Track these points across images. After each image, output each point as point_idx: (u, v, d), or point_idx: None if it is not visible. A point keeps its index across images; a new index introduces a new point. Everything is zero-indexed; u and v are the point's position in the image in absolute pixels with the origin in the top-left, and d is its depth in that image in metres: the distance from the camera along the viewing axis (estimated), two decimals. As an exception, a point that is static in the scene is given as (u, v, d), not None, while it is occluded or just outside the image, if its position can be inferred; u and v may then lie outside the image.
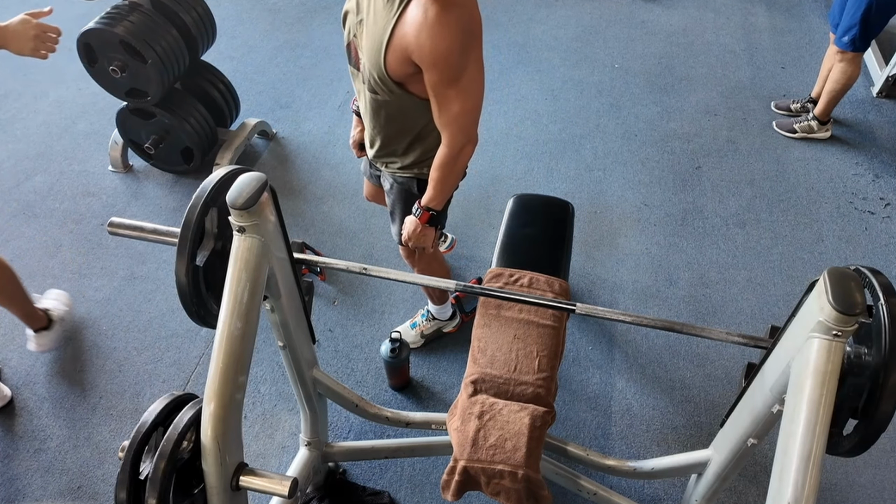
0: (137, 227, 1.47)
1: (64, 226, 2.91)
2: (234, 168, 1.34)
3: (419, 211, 1.70)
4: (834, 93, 3.18)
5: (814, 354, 1.08)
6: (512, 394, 1.63)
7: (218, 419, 1.15)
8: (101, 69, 2.69)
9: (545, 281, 1.89)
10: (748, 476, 2.14)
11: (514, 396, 1.62)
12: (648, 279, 2.72)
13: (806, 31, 4.15)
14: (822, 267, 2.32)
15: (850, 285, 1.07)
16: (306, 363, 1.70)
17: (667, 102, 3.58)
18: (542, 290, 1.87)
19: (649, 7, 4.33)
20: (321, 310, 2.59)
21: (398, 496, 2.09)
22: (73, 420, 2.26)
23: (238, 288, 1.23)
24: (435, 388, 2.37)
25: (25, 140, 3.33)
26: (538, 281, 1.89)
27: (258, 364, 2.41)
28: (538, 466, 1.53)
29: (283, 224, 1.38)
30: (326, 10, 4.29)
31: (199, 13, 2.88)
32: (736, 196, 3.08)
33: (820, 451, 1.02)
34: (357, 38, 1.54)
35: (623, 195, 3.07)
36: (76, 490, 2.10)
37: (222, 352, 1.19)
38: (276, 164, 3.23)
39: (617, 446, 2.22)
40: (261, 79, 3.73)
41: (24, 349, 2.45)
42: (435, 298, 2.36)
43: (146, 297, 2.63)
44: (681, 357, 2.45)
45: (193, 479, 1.18)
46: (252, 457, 2.15)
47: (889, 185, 3.14)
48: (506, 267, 1.99)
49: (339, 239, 2.86)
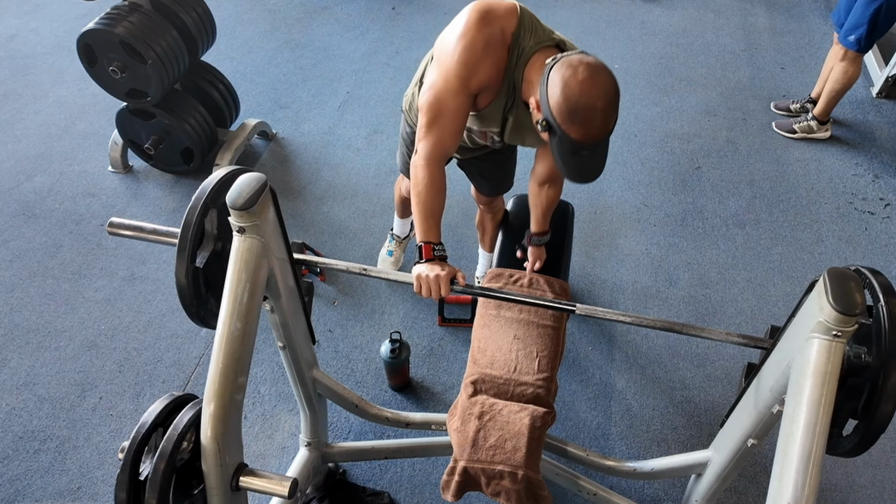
0: (137, 228, 1.47)
1: (64, 226, 2.91)
2: (234, 168, 1.34)
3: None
4: (834, 93, 3.18)
5: (814, 355, 1.08)
6: (512, 394, 1.63)
7: (218, 420, 1.15)
8: (101, 70, 2.69)
9: (545, 281, 1.89)
10: (748, 476, 2.14)
11: (514, 397, 1.62)
12: (648, 279, 2.72)
13: (805, 31, 4.15)
14: (821, 267, 2.32)
15: (850, 286, 1.07)
16: (306, 364, 1.70)
17: (666, 103, 3.58)
18: (542, 290, 1.87)
19: (649, 7, 4.33)
20: (321, 310, 2.58)
21: (398, 496, 2.08)
22: (73, 420, 2.26)
23: (238, 288, 1.23)
24: (435, 388, 2.37)
25: (25, 140, 3.33)
26: (538, 282, 1.90)
27: (258, 364, 2.41)
28: (538, 467, 1.53)
29: (283, 224, 1.38)
30: (326, 10, 4.29)
31: (199, 14, 2.88)
32: (736, 196, 3.08)
33: (820, 451, 1.02)
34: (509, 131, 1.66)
35: (623, 195, 3.07)
36: (76, 490, 2.10)
37: (222, 352, 1.19)
38: (275, 164, 3.23)
39: (617, 447, 2.22)
40: (261, 79, 3.73)
41: (23, 349, 2.45)
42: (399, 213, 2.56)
43: (146, 297, 2.63)
44: (681, 357, 2.45)
45: (193, 479, 1.18)
46: (252, 457, 2.15)
47: (889, 186, 3.14)
48: (506, 267, 1.99)
49: (339, 239, 2.86)
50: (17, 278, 2.69)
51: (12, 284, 2.67)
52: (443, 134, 1.47)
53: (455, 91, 1.44)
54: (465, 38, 1.42)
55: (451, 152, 1.53)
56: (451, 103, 1.45)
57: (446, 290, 1.48)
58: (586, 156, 1.37)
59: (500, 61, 1.45)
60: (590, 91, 1.28)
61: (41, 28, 4.09)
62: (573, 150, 1.35)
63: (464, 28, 1.42)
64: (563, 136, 1.32)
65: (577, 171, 1.41)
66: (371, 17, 4.22)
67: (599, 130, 1.32)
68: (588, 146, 1.34)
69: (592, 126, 1.31)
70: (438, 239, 1.53)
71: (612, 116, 1.33)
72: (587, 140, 1.32)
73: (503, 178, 2.16)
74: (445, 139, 1.48)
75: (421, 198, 1.50)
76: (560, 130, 1.32)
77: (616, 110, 1.34)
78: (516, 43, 1.44)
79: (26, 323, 2.54)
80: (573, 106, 1.29)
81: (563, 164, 1.39)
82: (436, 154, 1.49)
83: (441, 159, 1.51)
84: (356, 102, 3.57)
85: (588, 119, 1.30)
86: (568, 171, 1.41)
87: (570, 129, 1.31)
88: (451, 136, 1.49)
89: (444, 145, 1.49)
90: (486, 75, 1.45)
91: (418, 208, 1.51)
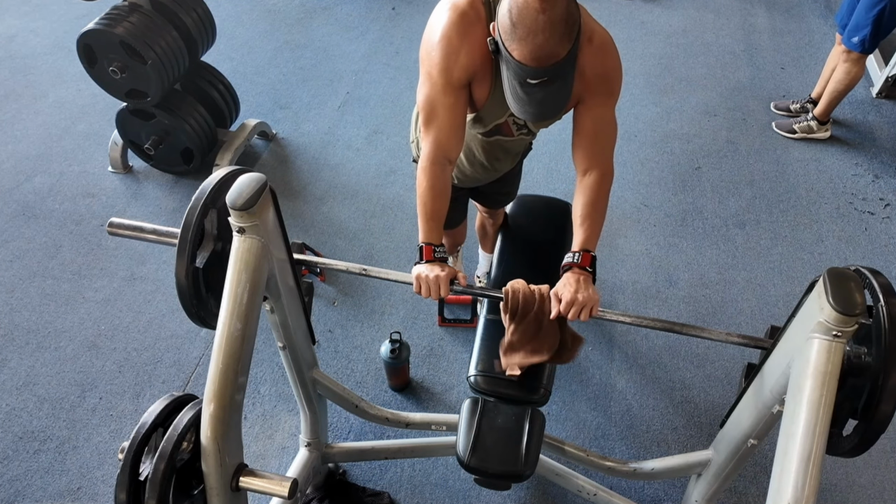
0: (137, 228, 1.47)
1: (64, 226, 2.91)
2: (234, 169, 1.34)
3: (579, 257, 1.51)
4: (836, 93, 3.18)
5: (814, 355, 1.08)
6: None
7: (218, 420, 1.15)
8: (101, 70, 2.69)
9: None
10: (748, 476, 2.14)
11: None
12: (648, 280, 2.72)
13: (805, 31, 4.15)
14: (821, 267, 2.32)
15: (850, 286, 1.07)
16: (306, 364, 1.70)
17: (666, 103, 3.58)
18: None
19: (649, 7, 4.33)
20: (321, 310, 2.58)
21: (398, 497, 2.08)
22: (73, 421, 2.26)
23: (238, 289, 1.23)
24: (435, 388, 2.37)
25: (25, 141, 3.33)
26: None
27: (258, 365, 2.41)
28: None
29: (283, 225, 1.38)
30: (326, 10, 4.29)
31: (199, 14, 2.88)
32: (736, 196, 3.08)
33: (820, 451, 1.02)
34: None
35: (623, 196, 3.07)
36: (76, 491, 2.10)
37: (222, 352, 1.19)
38: (275, 164, 3.23)
39: (617, 447, 2.22)
40: (260, 79, 3.73)
41: (23, 349, 2.45)
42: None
43: (146, 297, 2.63)
44: (681, 357, 2.45)
45: (193, 479, 1.18)
46: (252, 457, 2.15)
47: (889, 186, 3.14)
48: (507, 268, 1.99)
49: (338, 240, 2.86)
50: (17, 278, 2.69)
51: (12, 285, 2.67)
52: (439, 133, 1.45)
53: (441, 87, 1.40)
54: (435, 31, 1.39)
55: (452, 152, 1.50)
56: (442, 99, 1.42)
57: (446, 290, 1.47)
58: (534, 87, 1.24)
59: (479, 39, 1.37)
60: (535, 4, 1.17)
61: (41, 28, 4.09)
62: (518, 74, 1.24)
63: (433, 24, 1.40)
64: (509, 58, 1.23)
65: (524, 104, 1.29)
66: (371, 17, 4.22)
67: (544, 51, 1.19)
68: (532, 71, 1.22)
69: (535, 44, 1.19)
70: (440, 240, 1.52)
71: (560, 39, 1.19)
72: (531, 62, 1.20)
73: (504, 196, 2.13)
74: (443, 138, 1.46)
75: (423, 199, 1.49)
76: (505, 51, 1.23)
77: (569, 36, 1.20)
78: (490, 11, 1.35)
79: (26, 323, 2.54)
80: (515, 19, 1.19)
81: (512, 96, 1.30)
82: (435, 154, 1.47)
83: (442, 160, 1.48)
84: (356, 102, 3.57)
85: (530, 34, 1.18)
86: (516, 103, 1.30)
87: (513, 47, 1.21)
88: (448, 134, 1.46)
89: (443, 144, 1.47)
90: (469, 60, 1.39)
91: (421, 210, 1.51)
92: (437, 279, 1.45)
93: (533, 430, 1.67)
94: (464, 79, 1.41)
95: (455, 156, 1.52)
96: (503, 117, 1.56)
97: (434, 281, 1.45)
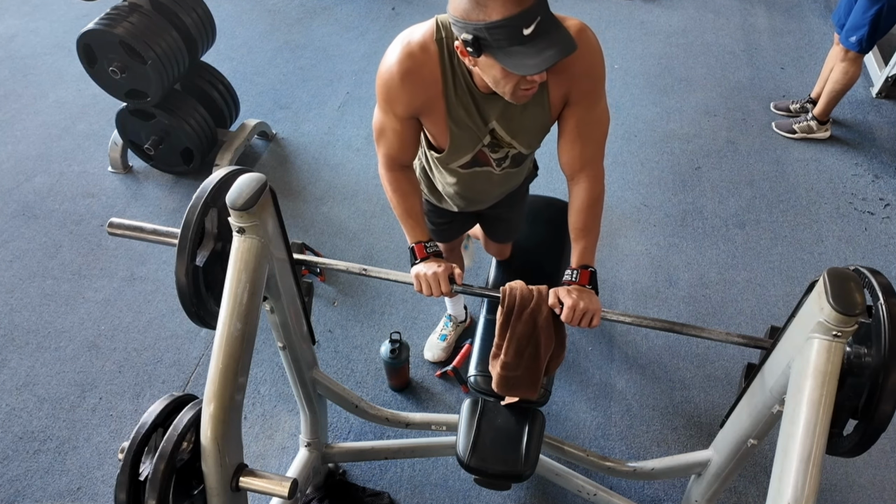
0: (137, 228, 1.47)
1: (64, 226, 2.91)
2: (234, 169, 1.34)
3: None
4: (834, 93, 3.18)
5: (814, 355, 1.08)
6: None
7: (218, 420, 1.15)
8: (101, 70, 2.69)
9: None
10: (748, 476, 2.14)
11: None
12: (648, 279, 2.72)
13: (805, 31, 4.15)
14: (821, 267, 2.32)
15: (850, 286, 1.07)
16: (306, 364, 1.70)
17: (666, 103, 3.58)
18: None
19: (649, 7, 4.33)
20: (321, 311, 2.58)
21: (398, 497, 2.08)
22: (72, 421, 2.26)
23: (238, 289, 1.23)
24: (435, 388, 2.37)
25: (25, 141, 3.33)
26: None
27: (258, 365, 2.41)
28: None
29: (283, 225, 1.38)
30: (326, 10, 4.29)
31: (199, 14, 2.88)
32: (735, 196, 3.08)
33: (820, 451, 1.02)
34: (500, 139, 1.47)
35: (623, 196, 3.07)
36: (76, 491, 2.10)
37: (222, 353, 1.19)
38: (275, 164, 3.23)
39: (617, 447, 2.22)
40: (260, 79, 3.73)
41: (23, 349, 2.45)
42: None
43: (146, 297, 2.63)
44: (681, 357, 2.45)
45: (193, 479, 1.18)
46: (252, 458, 2.15)
47: (888, 186, 3.14)
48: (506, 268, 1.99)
49: (338, 240, 2.86)
50: (17, 279, 2.69)
51: (12, 285, 2.67)
52: (389, 149, 1.48)
53: (386, 114, 1.42)
54: (383, 66, 1.36)
55: (405, 159, 1.52)
56: (389, 124, 1.43)
57: (446, 286, 1.47)
58: (532, 36, 1.12)
59: (426, 78, 1.33)
60: None
61: (41, 28, 4.09)
62: (510, 36, 1.12)
63: (385, 58, 1.36)
64: (493, 28, 1.11)
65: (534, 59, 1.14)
66: (371, 18, 4.22)
67: None
68: (521, 16, 1.10)
69: None
70: (427, 236, 1.53)
71: None
72: (514, 7, 1.09)
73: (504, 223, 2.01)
74: (392, 153, 1.49)
75: (394, 202, 1.54)
76: (482, 30, 1.12)
77: None
78: (443, 47, 1.31)
79: (26, 323, 2.54)
80: None
81: (512, 63, 1.15)
82: (389, 164, 1.51)
83: (395, 165, 1.52)
84: (356, 102, 3.57)
85: None
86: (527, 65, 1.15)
87: (490, 9, 1.10)
88: (398, 150, 1.48)
89: (394, 156, 1.50)
90: (410, 98, 1.36)
91: (396, 211, 1.54)
92: (437, 276, 1.47)
93: (533, 431, 1.68)
94: (406, 114, 1.40)
95: (409, 161, 1.55)
96: (473, 149, 1.49)
97: (433, 278, 1.47)
